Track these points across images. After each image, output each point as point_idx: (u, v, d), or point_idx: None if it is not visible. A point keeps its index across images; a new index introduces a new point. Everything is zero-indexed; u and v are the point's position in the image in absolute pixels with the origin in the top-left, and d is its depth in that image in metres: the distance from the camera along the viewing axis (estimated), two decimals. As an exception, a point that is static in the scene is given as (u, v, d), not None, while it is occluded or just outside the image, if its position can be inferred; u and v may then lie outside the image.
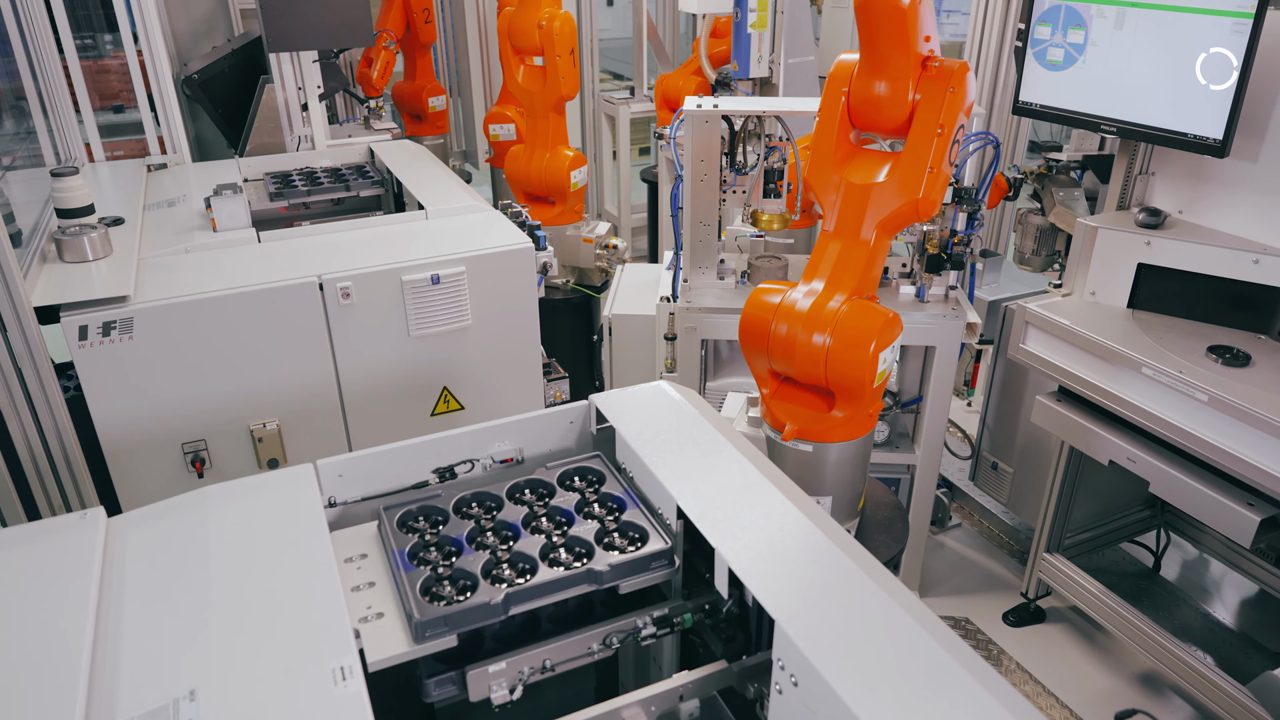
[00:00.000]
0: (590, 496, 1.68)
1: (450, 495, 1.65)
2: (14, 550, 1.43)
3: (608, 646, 1.49)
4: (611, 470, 1.74)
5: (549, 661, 1.46)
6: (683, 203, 3.12)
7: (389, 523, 1.58)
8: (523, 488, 1.71)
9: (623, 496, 1.66)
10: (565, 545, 1.56)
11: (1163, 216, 2.77)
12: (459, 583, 1.47)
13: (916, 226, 3.00)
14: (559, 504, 1.65)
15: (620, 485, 1.70)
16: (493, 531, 1.59)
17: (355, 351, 2.59)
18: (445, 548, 1.55)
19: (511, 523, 1.60)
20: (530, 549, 1.53)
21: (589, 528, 1.59)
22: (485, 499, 1.68)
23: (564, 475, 1.74)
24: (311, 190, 3.36)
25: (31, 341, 2.21)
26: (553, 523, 1.61)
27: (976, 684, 1.19)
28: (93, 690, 1.20)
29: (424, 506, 1.63)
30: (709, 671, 1.49)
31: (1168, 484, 2.56)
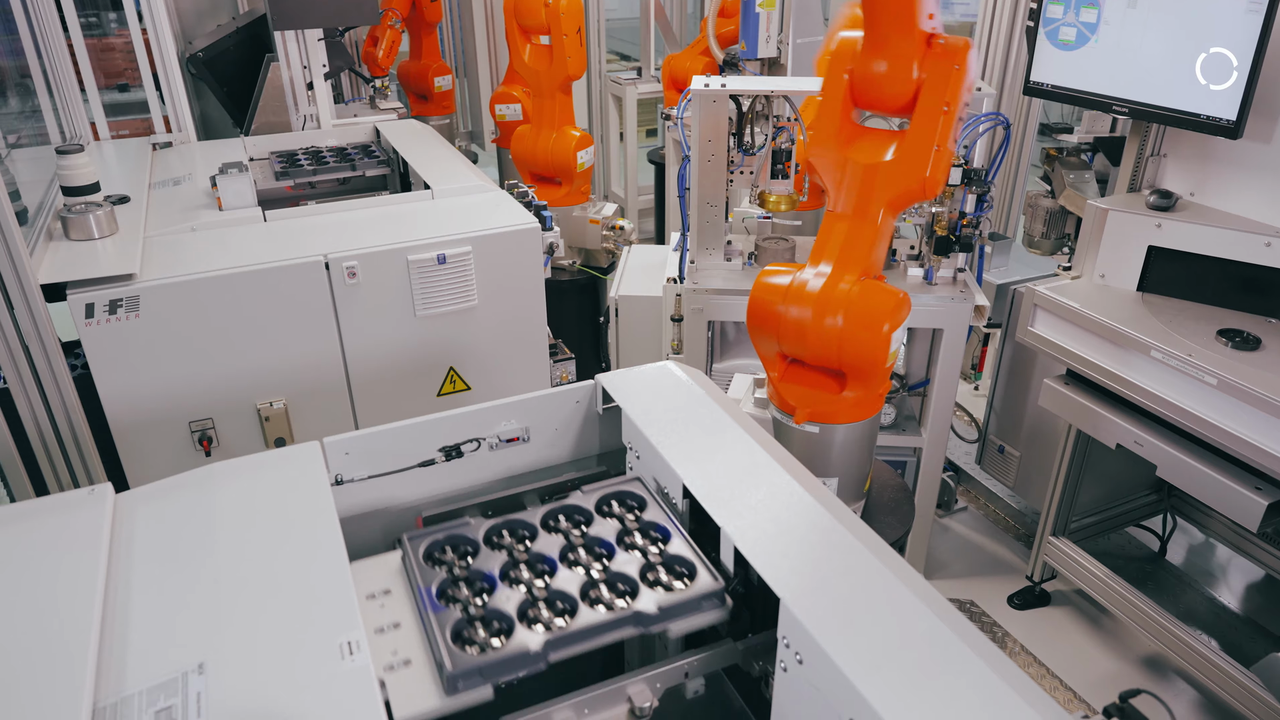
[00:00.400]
0: (631, 524, 1.55)
1: (480, 524, 1.52)
2: (23, 525, 1.44)
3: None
4: (653, 496, 1.62)
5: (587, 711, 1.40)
6: (689, 183, 3.11)
7: (414, 555, 1.45)
8: (557, 514, 1.58)
9: (667, 526, 1.54)
10: (607, 581, 1.43)
11: (1174, 199, 2.75)
12: (493, 625, 1.35)
13: (925, 208, 2.98)
14: (598, 533, 1.52)
15: (664, 513, 1.58)
16: (527, 565, 1.46)
17: (361, 331, 2.59)
18: (476, 583, 1.42)
19: (548, 556, 1.47)
20: (569, 586, 1.40)
21: (632, 561, 1.46)
22: (518, 527, 1.55)
23: (602, 500, 1.61)
24: (317, 170, 3.35)
25: (38, 319, 2.22)
26: (592, 554, 1.49)
27: (982, 663, 1.19)
28: (102, 663, 1.20)
29: (451, 536, 1.51)
30: (714, 650, 1.49)
31: (1175, 468, 2.55)
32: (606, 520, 1.56)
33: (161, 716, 1.12)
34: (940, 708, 1.11)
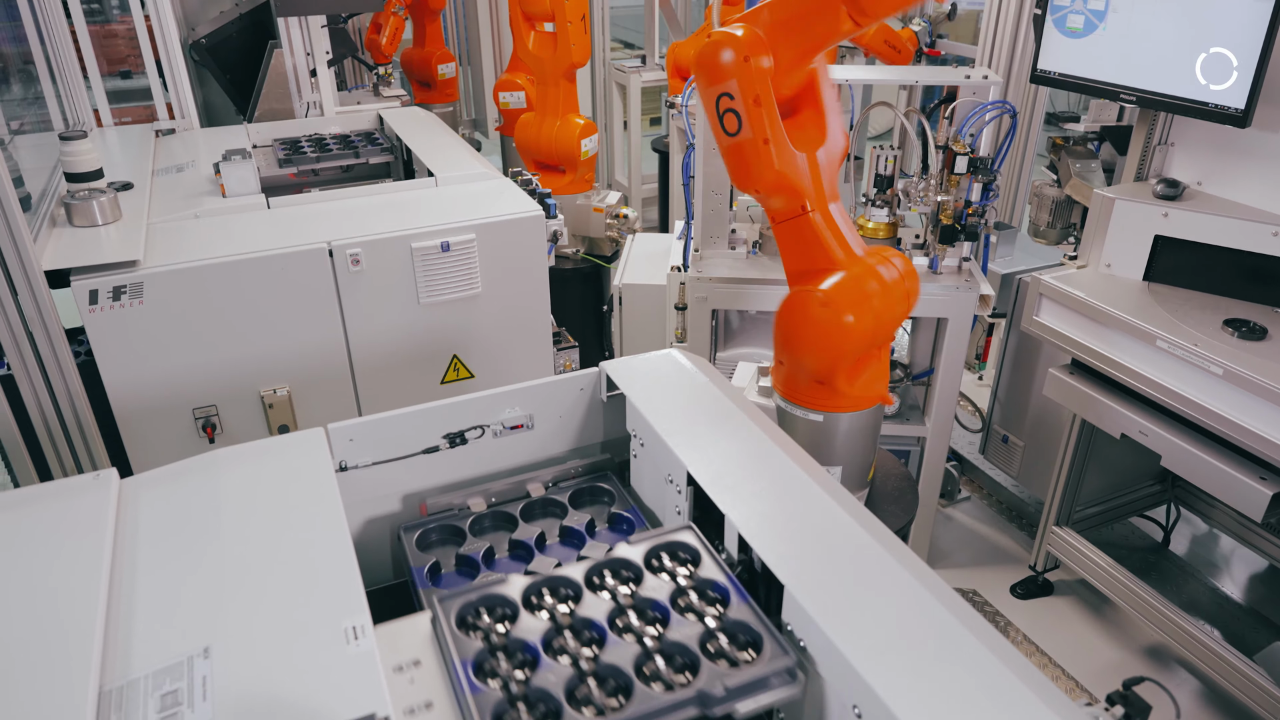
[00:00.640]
0: (685, 581, 1.40)
1: (517, 583, 1.37)
2: (27, 509, 1.44)
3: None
4: (707, 547, 1.46)
5: None
6: (694, 172, 3.09)
7: (447, 621, 1.30)
8: (602, 570, 1.42)
9: (725, 585, 1.37)
10: (663, 651, 1.28)
11: (1181, 188, 2.73)
12: (538, 708, 1.20)
13: (931, 197, 2.96)
14: (649, 594, 1.37)
15: (721, 568, 1.41)
16: (573, 632, 1.31)
17: (365, 318, 2.58)
18: (517, 655, 1.27)
19: (595, 622, 1.32)
20: (622, 658, 1.25)
21: (689, 628, 1.31)
22: (559, 585, 1.40)
23: (652, 554, 1.45)
24: (321, 157, 3.34)
25: (42, 305, 2.22)
26: (644, 619, 1.34)
27: (987, 651, 1.19)
28: (107, 647, 1.21)
29: (486, 598, 1.35)
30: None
31: (1179, 457, 2.54)
32: (657, 577, 1.40)
33: (167, 700, 1.13)
34: (945, 695, 1.11)
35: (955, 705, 1.10)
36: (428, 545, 1.69)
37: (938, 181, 2.93)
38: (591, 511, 1.76)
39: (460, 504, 1.75)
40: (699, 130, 3.00)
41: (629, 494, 1.81)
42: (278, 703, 1.11)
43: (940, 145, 2.87)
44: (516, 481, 1.81)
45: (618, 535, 1.71)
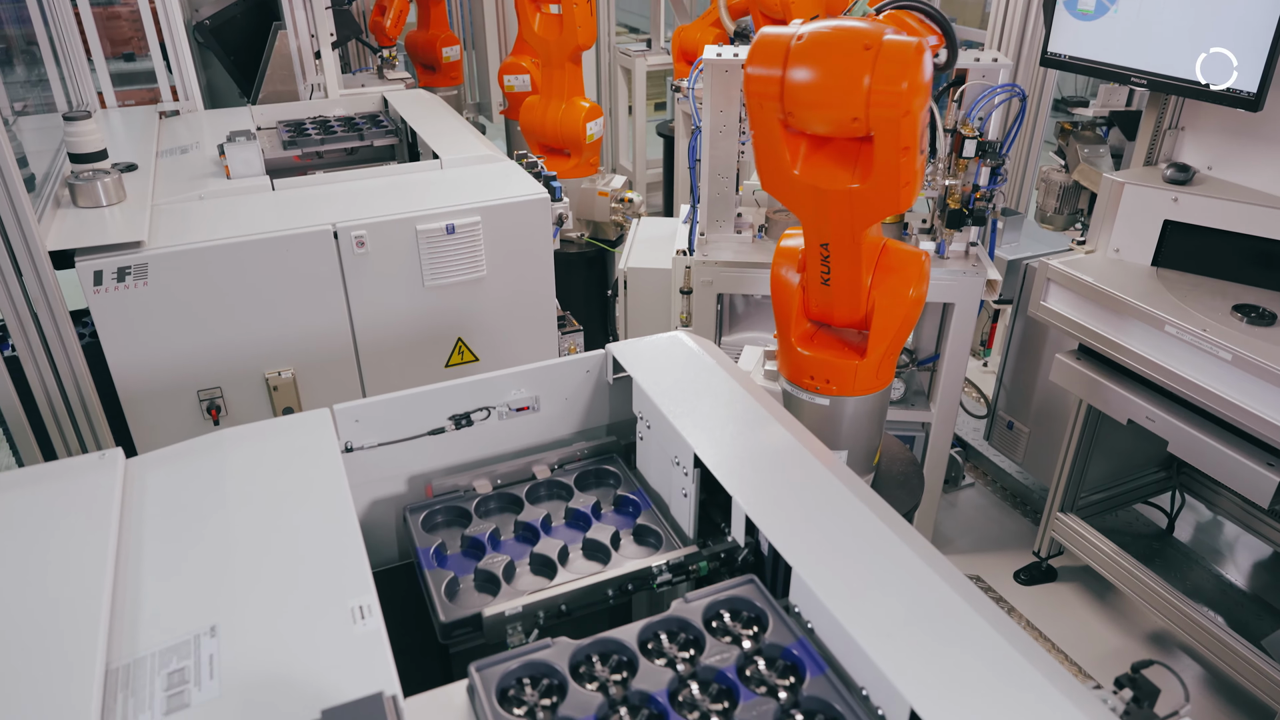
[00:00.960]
0: (750, 646, 1.24)
1: (564, 649, 1.24)
2: (34, 489, 1.44)
3: (624, 593, 1.47)
4: (771, 604, 1.30)
5: (565, 606, 1.45)
6: (700, 155, 3.07)
7: (488, 697, 1.15)
8: (657, 633, 1.28)
9: (798, 652, 1.23)
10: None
11: (1191, 173, 2.71)
12: None
13: (938, 181, 2.94)
14: (712, 661, 1.21)
15: (787, 628, 1.26)
16: (629, 709, 1.17)
17: (370, 301, 2.58)
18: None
19: (654, 697, 1.17)
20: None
21: (764, 708, 1.16)
22: (611, 651, 1.25)
23: (712, 612, 1.30)
24: (325, 139, 3.33)
25: (47, 286, 2.21)
26: (707, 693, 1.19)
27: (994, 632, 1.18)
28: (114, 625, 1.21)
29: (529, 664, 1.21)
30: (732, 586, 1.36)
31: (1186, 443, 2.54)
32: (720, 641, 1.26)
33: (174, 678, 1.13)
34: (954, 676, 1.11)
35: (964, 687, 1.10)
36: (433, 527, 1.69)
37: (945, 165, 2.91)
38: (597, 494, 1.76)
39: (466, 486, 1.75)
40: (705, 113, 2.98)
41: (635, 476, 1.81)
42: (285, 681, 1.11)
43: (948, 129, 2.85)
44: (522, 464, 1.81)
45: (624, 518, 1.71)
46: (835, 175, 1.74)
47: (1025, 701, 1.08)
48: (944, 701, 1.07)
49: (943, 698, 1.08)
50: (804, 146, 1.77)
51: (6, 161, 2.10)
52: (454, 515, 1.71)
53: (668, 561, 1.50)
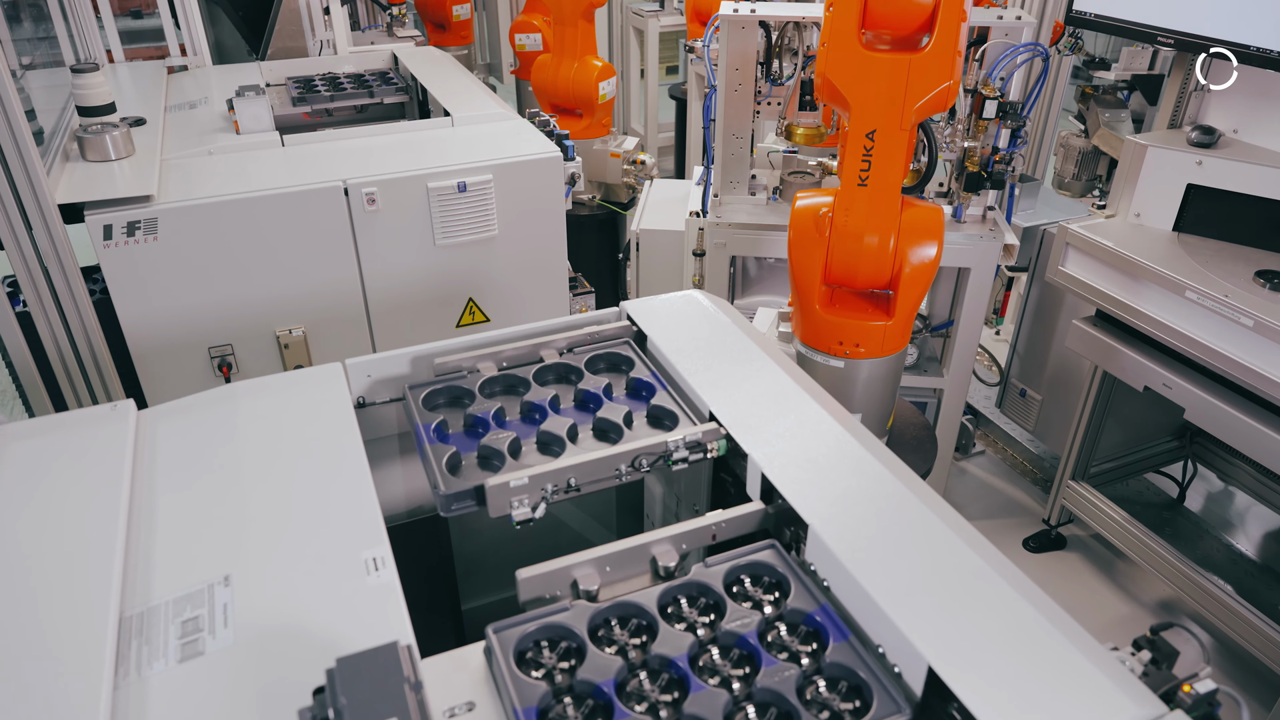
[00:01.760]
0: (771, 613, 1.22)
1: (583, 611, 1.20)
2: (46, 438, 1.44)
3: (636, 469, 1.39)
4: (796, 571, 1.28)
5: (573, 480, 1.36)
6: (715, 115, 3.03)
7: (505, 660, 1.13)
8: (677, 597, 1.25)
9: (823, 620, 1.20)
10: (755, 701, 1.12)
11: (1216, 135, 2.66)
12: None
13: (957, 143, 2.90)
14: (734, 627, 1.19)
15: (811, 596, 1.24)
16: (649, 673, 1.14)
17: (381, 259, 2.56)
18: (586, 700, 1.11)
19: (675, 662, 1.15)
20: (708, 710, 1.09)
21: (786, 674, 1.13)
22: (631, 615, 1.23)
23: (733, 574, 1.28)
24: (335, 96, 3.29)
25: (57, 239, 2.20)
26: (728, 659, 1.17)
27: (1013, 592, 1.17)
28: (127, 574, 1.21)
29: (547, 627, 1.19)
30: (745, 511, 1.36)
31: (1203, 410, 2.51)
32: (741, 606, 1.23)
33: (188, 626, 1.13)
34: (973, 635, 1.10)
35: (983, 646, 1.09)
36: (435, 406, 1.59)
37: (965, 127, 2.86)
38: (609, 377, 1.66)
39: (470, 367, 1.65)
40: (721, 71, 2.93)
41: (648, 359, 1.70)
42: (299, 631, 1.11)
43: (969, 89, 2.79)
44: (529, 346, 1.70)
45: (637, 401, 1.60)
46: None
47: (1045, 660, 1.08)
48: (962, 660, 1.06)
49: (961, 656, 1.07)
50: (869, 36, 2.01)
51: (15, 114, 2.07)
52: (457, 395, 1.61)
53: (684, 438, 1.42)
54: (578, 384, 1.64)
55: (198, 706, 1.03)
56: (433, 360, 1.65)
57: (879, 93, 1.99)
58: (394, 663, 0.92)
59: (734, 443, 1.45)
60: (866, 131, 2.04)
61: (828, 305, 2.18)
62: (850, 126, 2.06)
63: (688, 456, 1.43)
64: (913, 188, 3.01)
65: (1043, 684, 1.04)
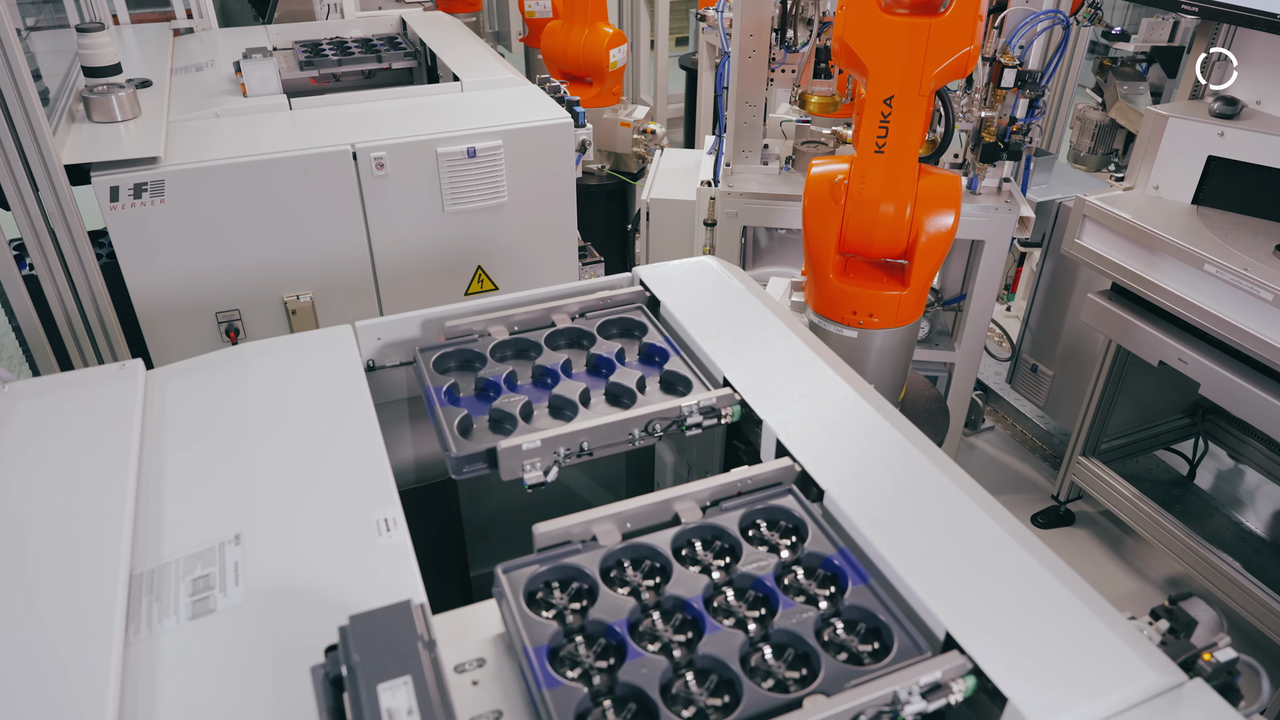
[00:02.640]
0: (788, 557, 1.19)
1: (595, 553, 1.18)
2: (53, 396, 1.42)
3: (649, 433, 1.38)
4: (813, 516, 1.24)
5: (586, 444, 1.35)
6: (728, 82, 2.98)
7: (515, 599, 1.11)
8: (691, 540, 1.23)
9: (839, 562, 1.17)
10: (771, 641, 1.09)
11: (1239, 106, 2.61)
12: (627, 707, 1.02)
13: (973, 113, 2.85)
14: (749, 569, 1.17)
15: (828, 539, 1.21)
16: (662, 614, 1.12)
17: (389, 225, 2.53)
18: (598, 640, 1.09)
19: (689, 603, 1.12)
20: (725, 651, 1.06)
21: (800, 615, 1.11)
22: (644, 556, 1.20)
23: (748, 519, 1.26)
24: (342, 60, 3.25)
25: (63, 200, 2.17)
26: (743, 600, 1.14)
27: (1032, 559, 1.16)
28: (137, 531, 1.20)
29: (558, 568, 1.16)
30: (772, 467, 1.30)
31: (1219, 385, 2.49)
32: (757, 549, 1.21)
33: (199, 584, 1.12)
34: (990, 602, 1.09)
35: (1002, 612, 1.07)
36: (446, 369, 1.58)
37: (982, 96, 2.81)
38: (622, 342, 1.64)
39: (480, 330, 1.63)
40: (735, 36, 2.88)
41: (662, 324, 1.68)
42: (311, 589, 1.10)
43: (987, 57, 2.75)
44: (540, 310, 1.68)
45: (649, 367, 1.59)
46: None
47: (1064, 628, 1.06)
48: (981, 626, 1.05)
49: (979, 622, 1.06)
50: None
51: (21, 73, 2.04)
52: (468, 358, 1.60)
53: (698, 403, 1.40)
54: (590, 349, 1.62)
55: (209, 663, 1.02)
56: (443, 324, 1.63)
57: (898, 57, 1.95)
58: (407, 621, 0.91)
59: (748, 408, 1.43)
60: (884, 97, 2.00)
61: (842, 274, 2.15)
62: (867, 92, 2.02)
63: (701, 421, 1.41)
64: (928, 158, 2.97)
65: (1062, 651, 1.03)
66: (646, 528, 1.23)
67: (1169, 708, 1.00)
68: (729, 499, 1.28)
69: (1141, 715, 0.99)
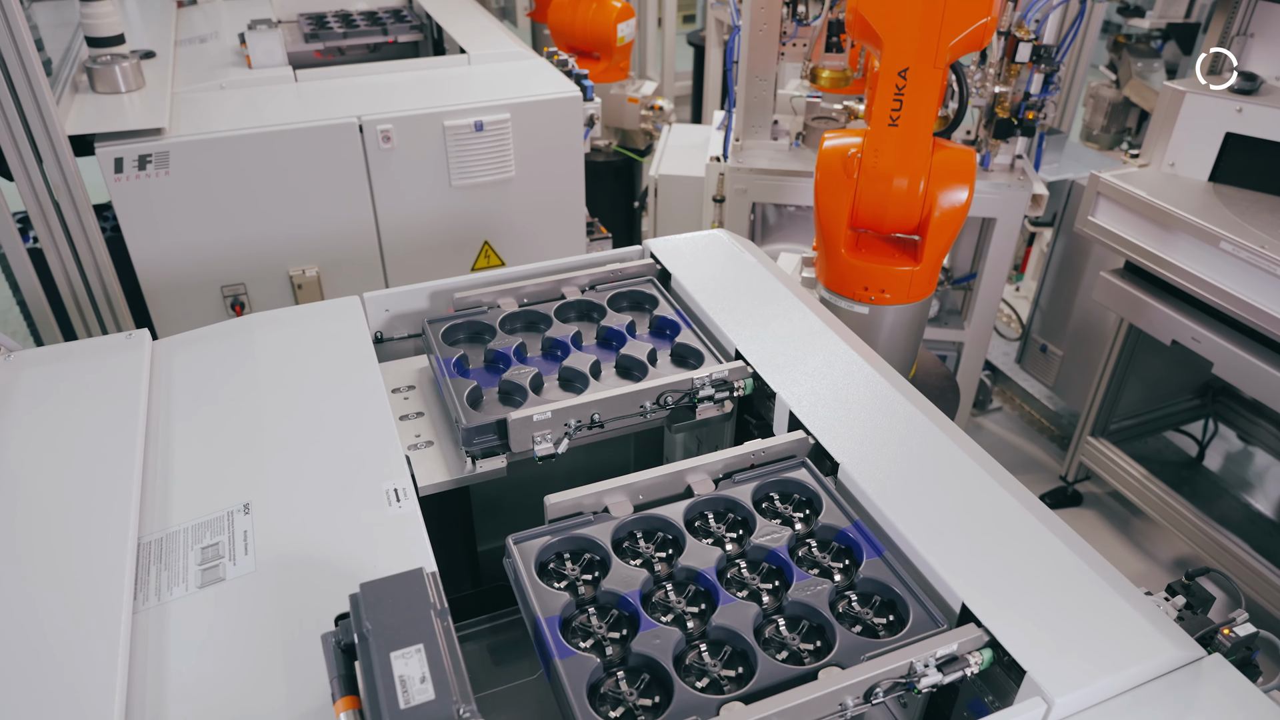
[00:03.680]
0: (801, 529, 1.20)
1: (607, 525, 1.18)
2: (59, 365, 1.41)
3: (661, 406, 1.37)
4: (825, 488, 1.24)
5: (597, 415, 1.33)
6: (738, 56, 2.94)
7: (526, 568, 1.11)
8: (704, 512, 1.23)
9: (855, 536, 1.17)
10: (785, 614, 1.09)
11: (1258, 82, 2.57)
12: (641, 678, 1.02)
13: (987, 88, 2.81)
14: (763, 541, 1.17)
15: (842, 512, 1.20)
16: (674, 585, 1.13)
17: (395, 199, 2.51)
18: (610, 611, 1.09)
19: (702, 574, 1.12)
20: (738, 623, 1.06)
21: (818, 588, 1.11)
22: (657, 528, 1.19)
23: (761, 491, 1.25)
24: (348, 33, 3.21)
25: (67, 171, 2.15)
26: (756, 572, 1.14)
27: (1048, 532, 1.14)
28: (145, 501, 1.19)
29: (570, 539, 1.16)
30: (785, 440, 1.30)
31: (1233, 365, 2.46)
32: (771, 523, 1.20)
33: (208, 553, 1.11)
34: (1006, 575, 1.07)
35: (1018, 585, 1.06)
36: (455, 341, 1.57)
37: (996, 71, 2.77)
38: (632, 315, 1.62)
39: (490, 302, 1.62)
40: (746, 8, 2.84)
41: (672, 297, 1.67)
42: (321, 558, 1.09)
43: (1002, 31, 2.70)
44: (550, 283, 1.67)
45: (660, 340, 1.57)
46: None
47: (1081, 601, 1.05)
48: (997, 598, 1.04)
49: (995, 594, 1.04)
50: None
51: (24, 42, 2.02)
52: (477, 330, 1.58)
53: (711, 376, 1.39)
54: (600, 321, 1.61)
55: (219, 631, 1.02)
56: (452, 295, 1.62)
57: (913, 28, 1.92)
58: (420, 589, 0.90)
59: (761, 381, 1.41)
60: (899, 70, 1.97)
61: (853, 250, 2.12)
62: (882, 65, 1.99)
63: (714, 395, 1.40)
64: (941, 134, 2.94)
65: (1079, 624, 1.02)
66: (659, 500, 1.22)
67: (1188, 682, 0.99)
68: (741, 471, 1.27)
69: (1160, 689, 0.98)
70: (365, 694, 0.83)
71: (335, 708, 0.84)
